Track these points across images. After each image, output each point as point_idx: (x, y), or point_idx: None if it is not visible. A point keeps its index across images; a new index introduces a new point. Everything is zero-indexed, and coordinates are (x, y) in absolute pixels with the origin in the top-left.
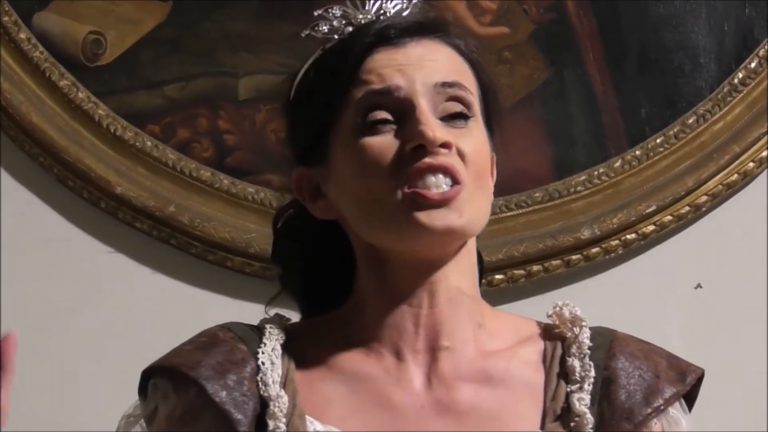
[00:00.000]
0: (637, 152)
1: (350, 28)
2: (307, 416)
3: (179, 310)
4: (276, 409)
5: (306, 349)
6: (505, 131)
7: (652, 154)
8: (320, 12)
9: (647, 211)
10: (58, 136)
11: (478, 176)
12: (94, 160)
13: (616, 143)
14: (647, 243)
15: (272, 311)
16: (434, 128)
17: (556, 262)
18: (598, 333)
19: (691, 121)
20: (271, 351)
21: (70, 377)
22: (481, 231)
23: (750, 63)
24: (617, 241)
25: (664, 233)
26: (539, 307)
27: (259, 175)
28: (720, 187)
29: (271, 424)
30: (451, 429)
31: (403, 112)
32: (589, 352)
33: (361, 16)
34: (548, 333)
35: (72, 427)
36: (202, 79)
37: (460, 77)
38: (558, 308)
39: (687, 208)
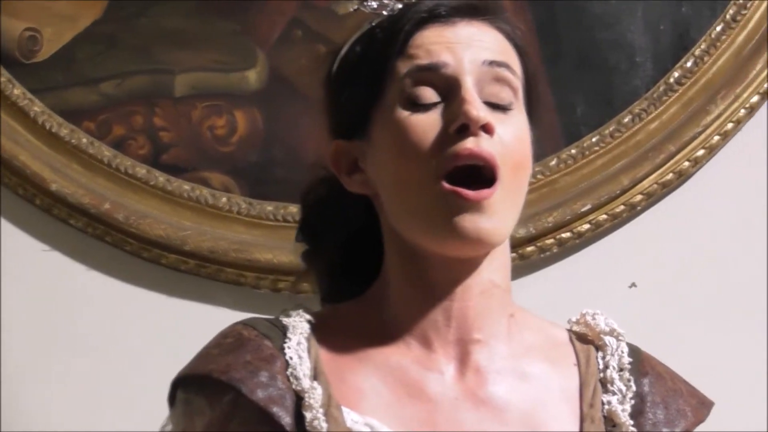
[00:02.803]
0: (573, 151)
1: (400, 5)
2: (342, 407)
3: (114, 307)
4: (312, 401)
5: (332, 339)
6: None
7: (587, 152)
8: None
9: (582, 209)
10: None
11: (516, 168)
12: (30, 157)
13: (551, 142)
14: (582, 242)
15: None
16: (479, 108)
17: None
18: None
19: (626, 120)
20: (296, 345)
21: (5, 375)
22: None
23: (686, 62)
24: (552, 240)
25: (599, 232)
26: None
27: (195, 172)
28: (655, 186)
29: (308, 415)
30: (487, 422)
31: (449, 90)
32: (629, 366)
33: None
34: (579, 339)
35: (12, 428)
36: (138, 76)
37: (507, 59)
38: (590, 316)
39: (622, 207)
